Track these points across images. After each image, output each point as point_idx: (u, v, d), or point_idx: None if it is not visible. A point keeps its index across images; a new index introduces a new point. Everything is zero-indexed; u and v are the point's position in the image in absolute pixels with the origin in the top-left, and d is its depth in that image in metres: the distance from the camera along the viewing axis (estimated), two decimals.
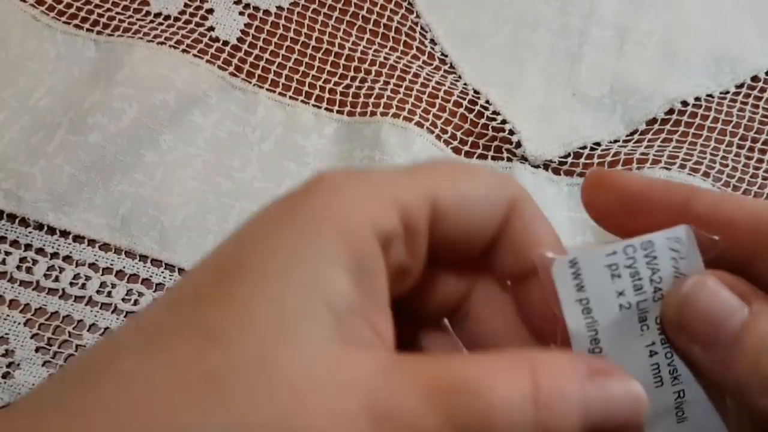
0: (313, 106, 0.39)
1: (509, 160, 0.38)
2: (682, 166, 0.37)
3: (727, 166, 0.38)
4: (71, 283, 0.34)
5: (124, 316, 0.33)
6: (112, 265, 0.34)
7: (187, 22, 0.41)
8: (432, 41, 0.41)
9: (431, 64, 0.41)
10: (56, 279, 0.34)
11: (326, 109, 0.39)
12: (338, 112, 0.39)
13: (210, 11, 0.41)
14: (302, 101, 0.39)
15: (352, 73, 0.40)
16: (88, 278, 0.34)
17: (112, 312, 0.33)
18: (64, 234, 0.34)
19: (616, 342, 0.19)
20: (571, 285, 0.19)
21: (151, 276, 0.34)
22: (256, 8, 0.42)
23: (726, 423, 0.20)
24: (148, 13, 0.41)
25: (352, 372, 0.16)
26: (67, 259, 0.34)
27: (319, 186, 0.18)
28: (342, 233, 0.17)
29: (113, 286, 0.34)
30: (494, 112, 0.39)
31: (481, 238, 0.20)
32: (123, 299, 0.34)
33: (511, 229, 0.20)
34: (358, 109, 0.39)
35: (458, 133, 0.39)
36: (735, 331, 0.18)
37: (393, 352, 0.18)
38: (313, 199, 0.18)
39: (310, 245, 0.17)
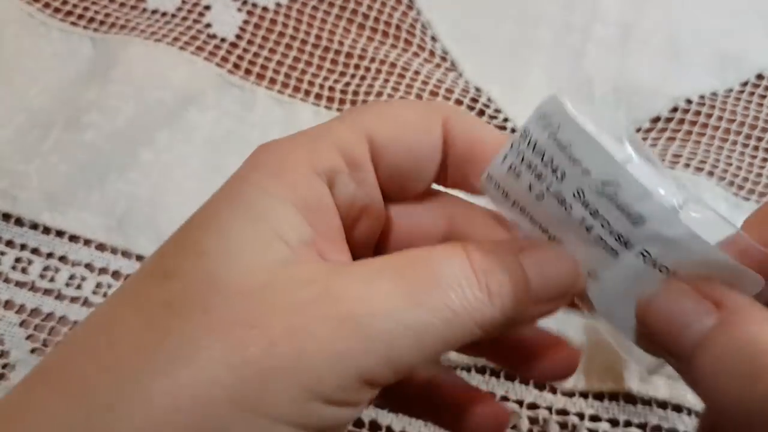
0: (312, 103, 0.38)
1: None
2: (686, 165, 0.37)
3: (731, 164, 0.37)
4: (67, 284, 0.33)
5: None
6: (108, 265, 0.34)
7: (184, 18, 0.40)
8: (432, 38, 0.41)
9: (432, 62, 0.40)
10: (52, 279, 0.33)
11: (325, 107, 0.38)
12: (338, 109, 0.38)
13: (207, 8, 0.41)
14: (301, 99, 0.39)
15: (351, 71, 0.39)
16: (83, 279, 0.33)
17: None
18: (60, 234, 0.34)
19: (558, 228, 0.19)
20: (498, 195, 0.20)
21: None
22: (254, 4, 0.41)
23: None
24: (144, 10, 0.40)
25: (308, 272, 0.17)
26: (62, 259, 0.34)
27: (259, 149, 0.20)
28: (281, 173, 0.19)
29: (109, 286, 0.33)
30: (496, 110, 0.38)
31: (428, 161, 0.21)
32: None
33: (452, 144, 0.21)
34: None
35: None
36: (692, 343, 0.17)
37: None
38: (254, 157, 0.19)
39: (252, 186, 0.18)
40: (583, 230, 0.18)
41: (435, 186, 0.23)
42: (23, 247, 0.34)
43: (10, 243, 0.34)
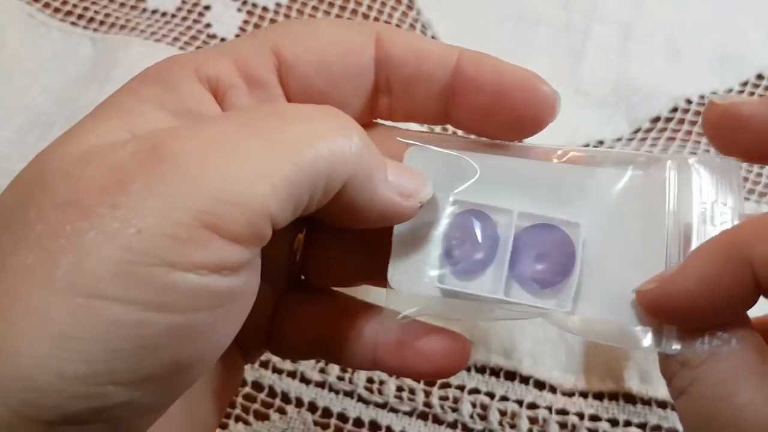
0: None
1: None
2: None
3: None
4: None
5: None
6: None
7: (184, 18, 0.40)
8: (432, 38, 0.41)
9: None
10: None
11: None
12: None
13: (207, 8, 0.41)
14: None
15: None
16: None
17: None
18: None
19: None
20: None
21: None
22: (254, 4, 0.41)
23: None
24: (144, 10, 0.40)
25: (130, 139, 0.16)
26: None
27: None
28: (158, 79, 0.18)
29: None
30: None
31: (353, 84, 0.20)
32: None
33: (393, 64, 0.20)
34: None
35: (459, 131, 0.38)
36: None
37: None
38: (145, 69, 0.19)
39: (123, 91, 0.18)
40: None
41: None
42: None
43: None
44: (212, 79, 0.18)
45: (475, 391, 0.31)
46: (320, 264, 0.23)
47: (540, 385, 0.31)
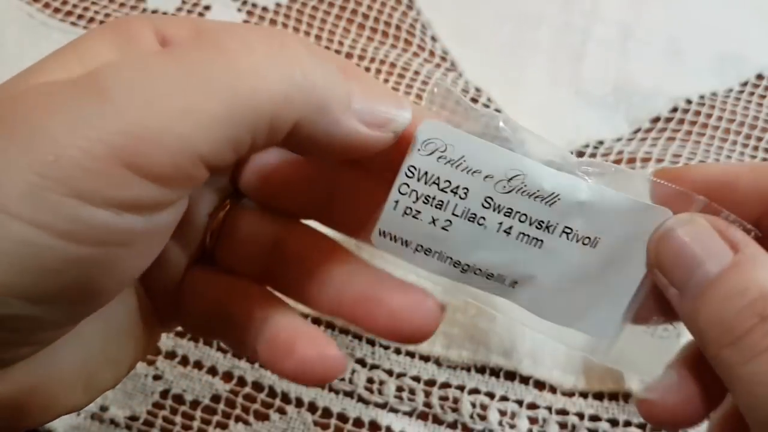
0: None
1: None
2: (686, 165, 0.37)
3: None
4: None
5: None
6: None
7: None
8: (432, 38, 0.41)
9: (432, 62, 0.40)
10: None
11: None
12: None
13: (207, 8, 0.41)
14: None
15: None
16: None
17: None
18: None
19: (475, 248, 0.19)
20: (397, 247, 0.19)
21: None
22: (254, 5, 0.41)
23: None
24: (144, 10, 0.40)
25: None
26: None
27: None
28: (116, 28, 0.17)
29: None
30: (496, 110, 0.38)
31: None
32: None
33: None
34: None
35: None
36: (709, 277, 0.17)
37: None
38: None
39: (81, 37, 0.17)
40: (502, 235, 0.18)
41: None
42: None
43: None
44: (168, 38, 0.18)
45: (475, 391, 0.31)
46: (228, 247, 0.22)
47: (540, 385, 0.31)
